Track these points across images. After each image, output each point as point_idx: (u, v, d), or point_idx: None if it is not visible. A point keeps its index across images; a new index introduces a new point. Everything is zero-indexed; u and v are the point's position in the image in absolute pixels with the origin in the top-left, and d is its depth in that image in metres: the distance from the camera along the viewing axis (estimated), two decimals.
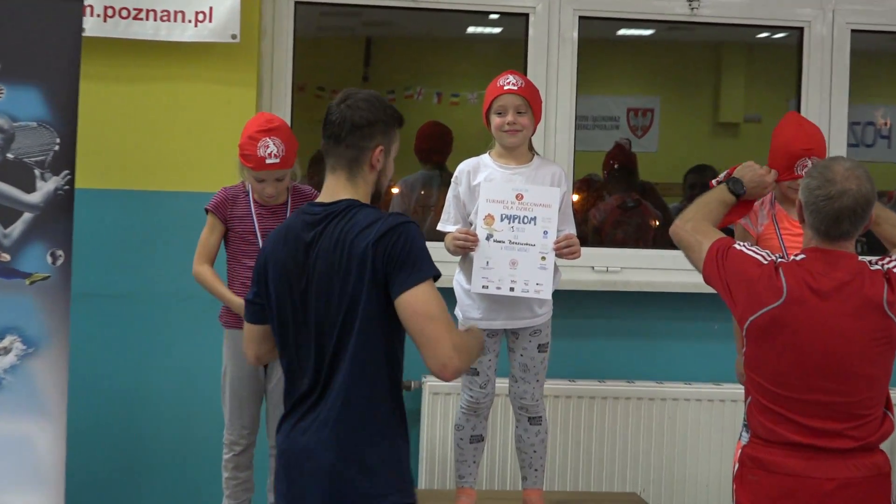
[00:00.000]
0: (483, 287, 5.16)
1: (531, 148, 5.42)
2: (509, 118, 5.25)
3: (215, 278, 5.42)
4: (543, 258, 5.15)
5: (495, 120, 5.29)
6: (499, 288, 5.16)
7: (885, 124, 8.29)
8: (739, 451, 5.57)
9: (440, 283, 3.72)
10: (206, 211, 5.45)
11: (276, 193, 5.37)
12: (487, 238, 5.16)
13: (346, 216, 3.75)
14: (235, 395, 5.43)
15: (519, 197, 5.17)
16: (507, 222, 5.16)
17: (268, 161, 5.25)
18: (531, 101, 5.30)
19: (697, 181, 7.17)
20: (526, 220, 5.16)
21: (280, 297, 3.80)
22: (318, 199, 3.86)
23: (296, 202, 5.43)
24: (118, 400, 6.12)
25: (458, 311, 5.37)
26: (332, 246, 3.73)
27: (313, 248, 3.76)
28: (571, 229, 5.33)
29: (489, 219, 5.17)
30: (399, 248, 3.67)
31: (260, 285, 3.88)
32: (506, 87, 5.26)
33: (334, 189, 3.84)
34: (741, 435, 5.58)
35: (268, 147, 5.25)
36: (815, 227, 4.04)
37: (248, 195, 5.43)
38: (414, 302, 3.64)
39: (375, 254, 3.65)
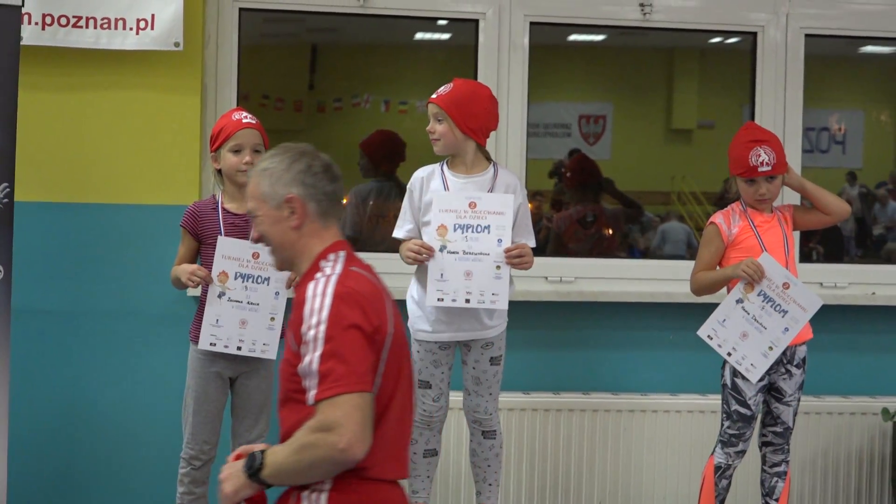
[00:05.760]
0: (438, 300, 5.09)
1: (488, 157, 5.34)
2: (429, 127, 5.22)
3: (177, 267, 5.19)
4: (498, 267, 5.10)
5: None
6: (454, 300, 5.09)
7: (840, 130, 8.29)
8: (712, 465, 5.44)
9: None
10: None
11: None
12: (441, 249, 5.08)
13: None
14: (200, 411, 5.25)
15: (472, 205, 5.10)
16: (461, 232, 5.09)
17: (244, 121, 5.13)
18: (446, 109, 5.20)
19: None
20: (479, 230, 5.09)
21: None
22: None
23: None
24: (60, 418, 6.01)
25: (409, 324, 5.28)
26: None
27: None
28: (531, 241, 5.25)
29: (442, 229, 5.09)
30: None
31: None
32: (432, 97, 5.24)
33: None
34: (714, 449, 5.47)
35: (241, 112, 5.18)
36: None
37: (216, 208, 5.24)
38: None
39: None
